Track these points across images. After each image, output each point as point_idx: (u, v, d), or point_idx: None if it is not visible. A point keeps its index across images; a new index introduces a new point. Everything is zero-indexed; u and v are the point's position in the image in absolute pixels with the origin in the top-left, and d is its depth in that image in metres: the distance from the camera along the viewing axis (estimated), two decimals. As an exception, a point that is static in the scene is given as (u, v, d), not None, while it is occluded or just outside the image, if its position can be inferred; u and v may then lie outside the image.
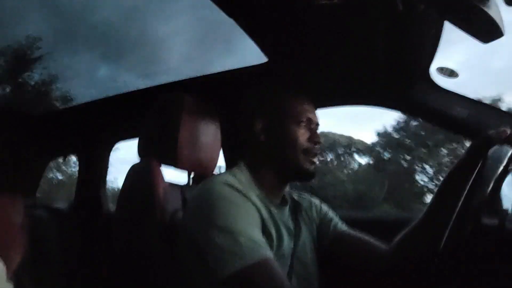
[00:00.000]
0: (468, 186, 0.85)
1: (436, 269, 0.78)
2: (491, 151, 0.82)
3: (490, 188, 0.77)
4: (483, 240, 0.89)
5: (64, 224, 1.70)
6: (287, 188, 1.20)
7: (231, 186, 0.98)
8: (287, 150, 1.09)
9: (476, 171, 0.82)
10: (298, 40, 1.23)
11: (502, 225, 0.89)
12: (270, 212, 1.06)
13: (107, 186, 2.16)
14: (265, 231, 0.99)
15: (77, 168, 2.20)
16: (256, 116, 1.13)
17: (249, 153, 1.15)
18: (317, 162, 1.12)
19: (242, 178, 1.06)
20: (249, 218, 0.96)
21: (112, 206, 2.14)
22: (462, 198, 0.83)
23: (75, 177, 2.23)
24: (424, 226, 1.04)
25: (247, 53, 1.38)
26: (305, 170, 1.10)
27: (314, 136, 1.11)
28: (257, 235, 0.94)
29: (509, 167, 0.88)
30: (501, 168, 0.79)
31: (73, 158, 2.22)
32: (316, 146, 1.11)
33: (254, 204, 0.99)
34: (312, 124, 1.13)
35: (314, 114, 1.15)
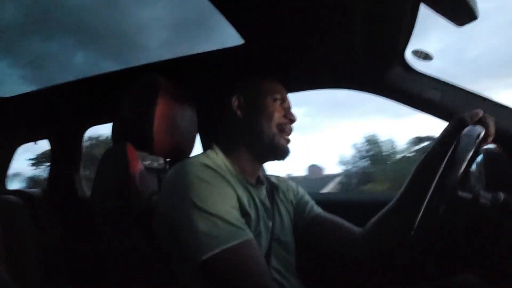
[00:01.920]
0: (442, 166, 0.87)
1: (411, 246, 0.80)
2: (464, 131, 0.84)
3: (463, 168, 0.79)
4: (457, 216, 0.92)
5: (37, 209, 1.66)
6: (262, 170, 1.21)
7: (207, 166, 0.97)
8: (263, 124, 1.11)
9: (450, 151, 0.84)
10: (274, 22, 1.22)
11: (475, 201, 0.92)
12: (247, 191, 1.06)
13: (80, 171, 2.12)
14: (243, 210, 0.99)
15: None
16: (233, 93, 1.15)
17: (225, 132, 1.16)
18: (291, 141, 1.14)
19: (217, 159, 1.06)
20: (227, 199, 0.95)
21: (87, 191, 2.11)
22: (437, 178, 0.85)
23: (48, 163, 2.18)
24: (398, 207, 1.06)
25: (224, 36, 1.36)
26: (280, 146, 1.11)
27: (289, 113, 1.15)
28: (236, 216, 0.94)
29: (480, 147, 0.91)
30: (473, 148, 0.81)
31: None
32: (290, 124, 1.14)
33: (231, 184, 0.99)
34: (286, 103, 1.16)
35: (287, 95, 1.19)
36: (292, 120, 1.14)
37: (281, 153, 1.13)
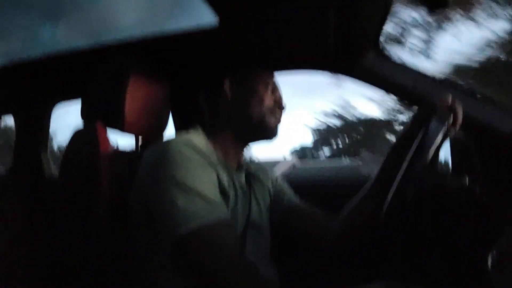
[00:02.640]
0: (411, 152, 0.89)
1: (381, 232, 0.82)
2: (433, 119, 0.85)
3: (431, 154, 0.81)
4: (426, 202, 0.95)
5: (1, 190, 1.61)
6: (244, 156, 1.21)
7: (189, 145, 0.96)
8: (254, 106, 1.12)
9: (419, 137, 0.86)
10: (250, 4, 1.20)
11: (442, 185, 0.95)
12: (228, 173, 1.06)
13: (48, 151, 2.05)
14: (222, 191, 0.99)
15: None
16: (226, 75, 1.15)
17: (210, 113, 1.14)
18: (280, 122, 1.16)
19: (200, 140, 1.05)
20: (207, 177, 0.95)
21: (54, 172, 2.05)
22: (406, 164, 0.87)
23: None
24: (368, 194, 1.08)
25: (199, 14, 1.33)
26: (269, 125, 1.13)
27: (279, 100, 1.17)
28: (215, 194, 0.94)
29: (448, 134, 0.93)
30: (442, 135, 0.83)
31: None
32: (280, 108, 1.17)
33: (212, 164, 0.99)
34: (277, 92, 1.18)
35: (278, 86, 1.20)
36: (282, 107, 1.17)
37: (269, 133, 1.14)
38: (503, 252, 0.72)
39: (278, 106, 1.16)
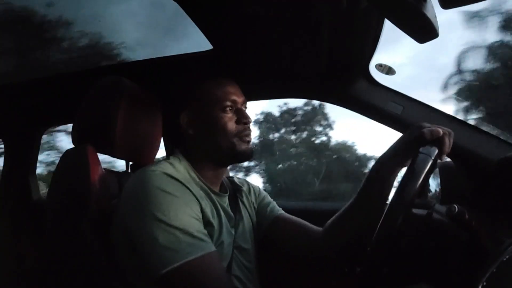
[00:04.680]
0: (396, 173, 0.90)
1: (370, 258, 0.81)
2: (422, 149, 0.86)
3: (420, 182, 0.81)
4: (412, 230, 0.95)
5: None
6: (225, 175, 1.20)
7: (169, 175, 0.95)
8: (219, 138, 1.07)
9: (408, 165, 0.86)
10: (243, 31, 1.22)
11: (429, 216, 0.95)
12: (211, 200, 1.05)
13: (36, 173, 2.03)
14: (205, 220, 0.98)
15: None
16: (180, 111, 1.10)
17: (183, 144, 1.13)
18: (251, 140, 1.11)
19: (180, 167, 1.03)
20: (189, 210, 0.93)
21: (43, 194, 2.02)
22: (395, 191, 0.87)
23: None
24: (353, 215, 1.08)
25: (193, 39, 1.34)
26: (242, 153, 1.08)
27: (242, 117, 1.09)
28: (197, 227, 0.92)
29: (436, 163, 0.94)
30: (430, 165, 0.83)
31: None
32: (247, 126, 1.10)
33: (193, 193, 0.97)
34: (238, 105, 1.11)
35: (238, 93, 1.12)
36: (247, 123, 1.10)
37: (244, 157, 1.10)
38: (493, 278, 0.72)
39: (244, 124, 1.09)
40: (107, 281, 1.01)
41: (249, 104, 1.17)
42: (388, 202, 0.87)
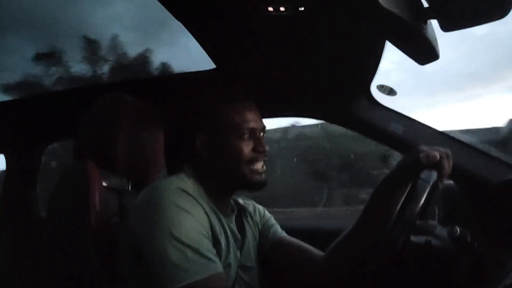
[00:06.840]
0: (396, 199, 0.90)
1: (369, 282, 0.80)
2: (420, 175, 0.86)
3: (420, 205, 0.81)
4: (411, 256, 0.94)
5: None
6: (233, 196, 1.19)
7: (184, 191, 0.94)
8: (231, 164, 1.04)
9: (408, 189, 0.86)
10: (245, 52, 1.23)
11: (429, 242, 0.95)
12: (219, 219, 1.04)
13: (37, 189, 2.02)
14: (214, 239, 0.97)
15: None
16: (196, 131, 1.07)
17: (194, 165, 1.11)
18: (264, 169, 1.08)
19: (190, 185, 1.02)
20: (200, 227, 0.92)
21: (44, 210, 2.01)
22: (394, 215, 0.87)
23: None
24: (354, 241, 1.07)
25: (196, 58, 1.36)
26: (254, 183, 1.06)
27: (258, 145, 1.06)
28: (207, 247, 0.91)
29: (438, 186, 0.93)
30: (429, 189, 0.83)
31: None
32: (261, 155, 1.07)
33: (204, 211, 0.96)
34: (256, 133, 1.08)
35: (257, 120, 1.09)
36: (262, 151, 1.07)
37: (256, 187, 1.08)
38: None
39: (259, 152, 1.06)
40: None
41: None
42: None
